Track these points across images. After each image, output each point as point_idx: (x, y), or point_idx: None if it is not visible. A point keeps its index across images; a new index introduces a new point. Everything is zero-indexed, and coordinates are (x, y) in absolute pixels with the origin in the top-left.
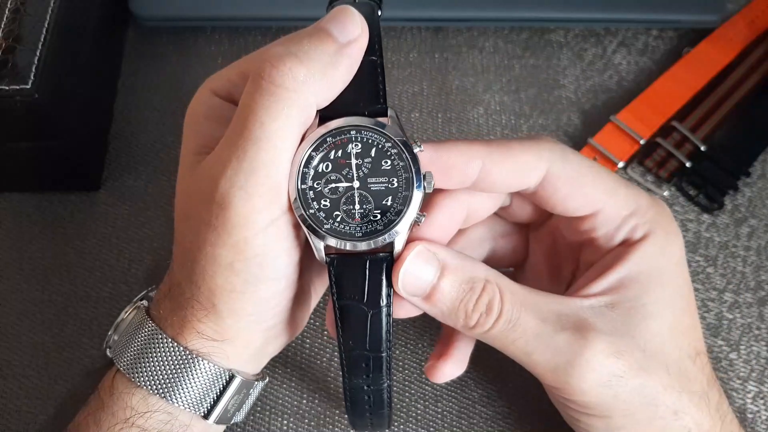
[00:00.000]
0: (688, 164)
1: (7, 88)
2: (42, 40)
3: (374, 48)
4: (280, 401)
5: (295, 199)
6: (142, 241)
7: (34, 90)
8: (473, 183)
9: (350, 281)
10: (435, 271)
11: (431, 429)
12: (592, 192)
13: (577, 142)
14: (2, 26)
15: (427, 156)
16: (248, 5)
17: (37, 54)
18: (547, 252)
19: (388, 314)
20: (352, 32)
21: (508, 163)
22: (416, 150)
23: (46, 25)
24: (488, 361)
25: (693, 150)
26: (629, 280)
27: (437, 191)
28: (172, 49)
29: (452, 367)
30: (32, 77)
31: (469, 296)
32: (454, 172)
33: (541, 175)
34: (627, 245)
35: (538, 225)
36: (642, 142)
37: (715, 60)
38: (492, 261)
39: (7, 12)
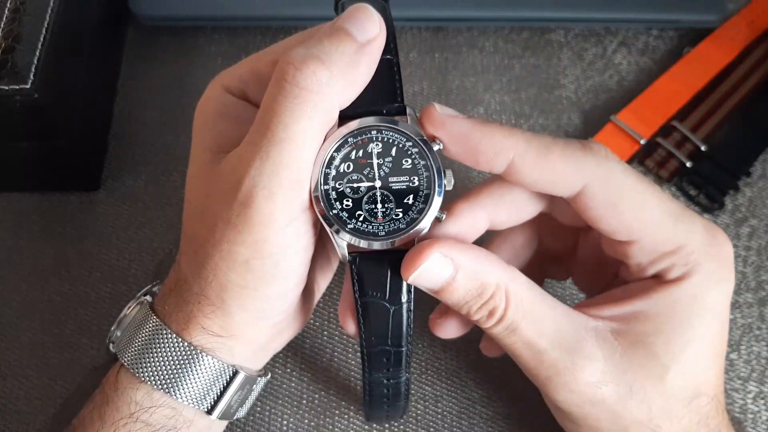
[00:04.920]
0: (688, 164)
1: (6, 87)
2: (42, 39)
3: (389, 47)
4: (280, 400)
5: (318, 199)
6: (141, 241)
7: (34, 90)
8: (504, 173)
9: (372, 279)
10: (448, 275)
11: (431, 429)
12: (631, 220)
13: None
14: (2, 26)
15: (459, 132)
16: (248, 5)
17: (37, 54)
18: (592, 254)
19: (409, 309)
20: (371, 31)
21: (539, 168)
22: (436, 148)
23: (45, 25)
24: (489, 361)
25: (693, 150)
26: (644, 315)
27: (462, 196)
28: (172, 49)
29: (455, 325)
30: (32, 77)
31: (475, 300)
32: (481, 158)
33: (576, 190)
34: (659, 281)
35: (587, 228)
36: (642, 142)
37: (716, 60)
38: (540, 256)
39: (6, 12)
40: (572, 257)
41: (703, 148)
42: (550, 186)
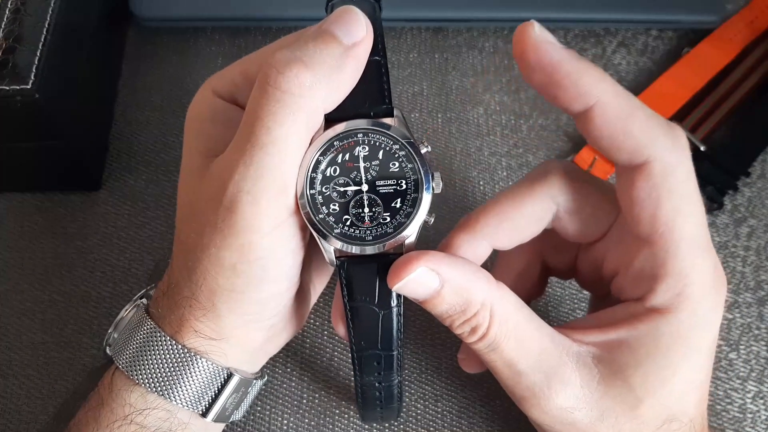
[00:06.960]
0: None
1: (7, 88)
2: (42, 40)
3: (377, 48)
4: (281, 400)
5: (304, 204)
6: (142, 240)
7: (35, 90)
8: (577, 114)
9: (361, 283)
10: (433, 287)
11: (431, 429)
12: (662, 220)
13: (577, 142)
14: (2, 26)
15: (551, 61)
16: (248, 5)
17: (38, 54)
18: (590, 270)
19: (399, 314)
20: (357, 33)
21: (616, 126)
22: (424, 150)
23: (46, 25)
24: None
25: (692, 150)
26: (627, 345)
27: (461, 226)
28: (172, 49)
29: (481, 362)
30: (33, 77)
31: (458, 315)
32: (561, 94)
33: (636, 162)
34: (646, 310)
35: (585, 246)
36: None
37: (715, 60)
38: (542, 270)
39: (7, 12)
40: (572, 270)
41: (702, 148)
42: (614, 147)
